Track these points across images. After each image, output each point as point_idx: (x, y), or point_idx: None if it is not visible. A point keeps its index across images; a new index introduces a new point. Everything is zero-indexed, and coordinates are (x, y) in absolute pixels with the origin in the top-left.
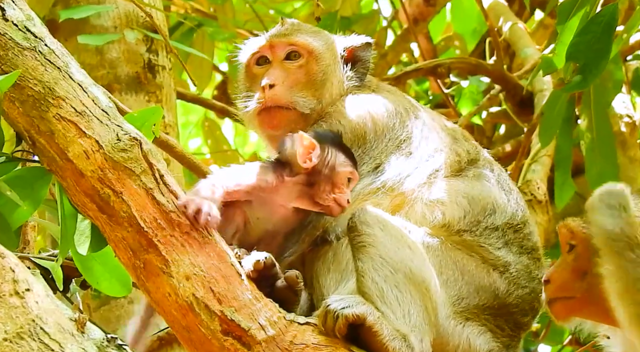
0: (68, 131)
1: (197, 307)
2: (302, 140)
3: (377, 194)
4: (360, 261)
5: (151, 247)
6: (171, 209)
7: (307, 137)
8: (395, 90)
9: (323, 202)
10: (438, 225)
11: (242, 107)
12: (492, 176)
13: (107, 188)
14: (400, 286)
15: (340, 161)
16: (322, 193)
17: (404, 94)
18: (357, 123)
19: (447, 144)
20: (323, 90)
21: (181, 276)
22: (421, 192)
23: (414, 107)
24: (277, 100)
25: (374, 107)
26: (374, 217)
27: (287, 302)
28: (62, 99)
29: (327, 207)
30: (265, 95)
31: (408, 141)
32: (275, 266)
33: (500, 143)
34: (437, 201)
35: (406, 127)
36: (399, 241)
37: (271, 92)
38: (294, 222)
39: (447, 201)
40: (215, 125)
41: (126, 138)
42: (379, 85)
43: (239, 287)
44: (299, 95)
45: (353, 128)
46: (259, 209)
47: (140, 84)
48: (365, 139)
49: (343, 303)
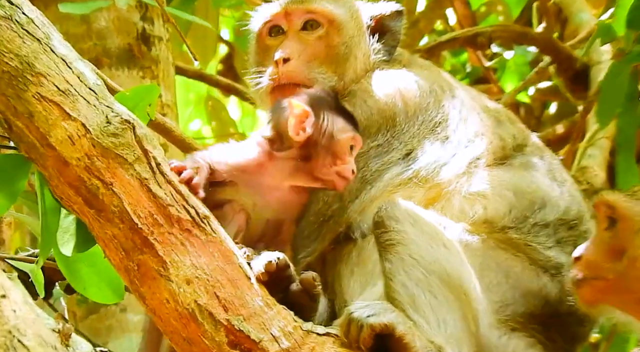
0: (50, 113)
1: (200, 315)
2: (293, 108)
3: (409, 185)
4: (389, 261)
5: (146, 247)
6: (169, 202)
7: (297, 103)
8: (429, 64)
9: (324, 177)
10: (479, 221)
11: (252, 85)
12: (542, 163)
13: (95, 179)
14: (435, 290)
15: (339, 127)
16: (321, 167)
17: (439, 68)
18: (386, 103)
19: (490, 127)
20: (345, 65)
21: (181, 280)
22: (459, 184)
23: (450, 84)
24: (292, 76)
25: (404, 85)
26: (404, 212)
27: (304, 310)
28: (42, 76)
29: (329, 181)
30: (279, 70)
31: (444, 124)
32: (290, 267)
33: (551, 124)
34: (478, 194)
35: (442, 107)
36: (432, 239)
37: (285, 68)
38: (296, 204)
39: (490, 194)
40: (220, 105)
41: (117, 121)
42: (410, 59)
43: (248, 292)
44: (318, 71)
45: (381, 109)
46: (252, 194)
47: (133, 58)
48: (394, 121)
49: (369, 310)
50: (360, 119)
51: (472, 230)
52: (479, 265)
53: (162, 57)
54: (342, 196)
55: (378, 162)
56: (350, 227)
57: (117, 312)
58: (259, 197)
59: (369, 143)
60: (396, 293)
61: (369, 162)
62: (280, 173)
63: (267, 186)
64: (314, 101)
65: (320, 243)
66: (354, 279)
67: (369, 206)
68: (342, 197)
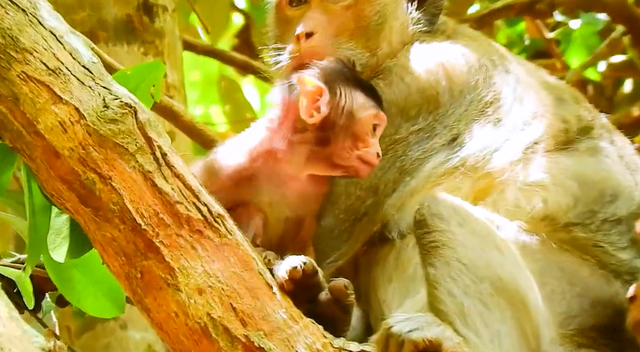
0: (38, 96)
1: (214, 331)
2: (305, 85)
3: (455, 175)
4: (432, 266)
5: (151, 251)
6: (177, 199)
7: (310, 79)
8: (478, 35)
9: (344, 163)
10: (538, 217)
11: (271, 63)
12: (612, 149)
13: (91, 172)
14: (487, 300)
15: (359, 103)
16: (341, 151)
17: (490, 40)
18: (427, 80)
19: (550, 107)
20: (378, 39)
21: (192, 289)
22: (514, 173)
23: (503, 57)
24: (315, 53)
25: (449, 59)
26: (450, 209)
27: (334, 323)
28: (28, 52)
29: (350, 168)
30: (301, 47)
31: (496, 104)
32: (318, 273)
33: (625, 105)
34: (536, 184)
35: (493, 84)
36: (484, 240)
37: (308, 43)
38: (316, 197)
39: (551, 184)
40: (235, 85)
41: (116, 104)
42: (456, 29)
43: (270, 303)
44: (346, 46)
45: (421, 88)
46: (265, 189)
47: (134, 31)
48: (437, 102)
49: (410, 324)
50: (397, 100)
51: (529, 228)
52: (539, 270)
53: (167, 30)
54: (376, 189)
55: (419, 149)
56: (386, 226)
57: (117, 328)
58: (274, 191)
59: (408, 127)
60: (442, 303)
61: (408, 149)
62: (296, 160)
63: (282, 177)
64: (329, 75)
65: (352, 245)
66: (392, 286)
67: (408, 200)
68: (376, 190)
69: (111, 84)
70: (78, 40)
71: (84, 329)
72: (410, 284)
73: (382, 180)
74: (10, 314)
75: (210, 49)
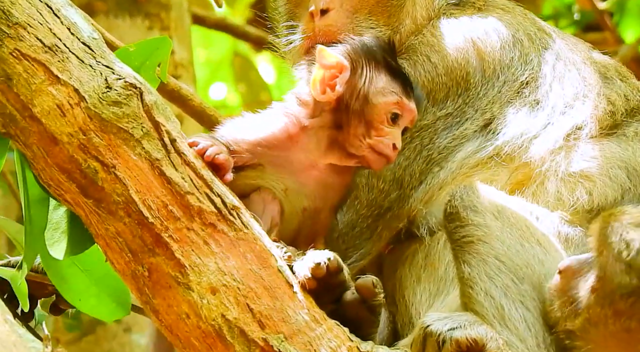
0: (33, 75)
1: (229, 334)
2: (324, 59)
3: (489, 165)
4: (467, 264)
5: (159, 247)
6: (188, 189)
7: (330, 53)
8: (512, 7)
9: (356, 152)
10: (582, 210)
11: (283, 44)
12: None
13: (92, 160)
14: (528, 301)
15: (378, 88)
16: (353, 138)
17: (527, 11)
18: (456, 59)
19: (594, 87)
20: (401, 14)
21: (205, 289)
22: (555, 162)
23: (542, 31)
24: (332, 32)
25: (480, 34)
26: (484, 200)
27: (361, 324)
28: (22, 27)
29: (362, 158)
30: (315, 25)
31: (533, 84)
32: (343, 270)
33: None
34: (580, 175)
35: (530, 62)
36: (523, 234)
37: (324, 21)
38: (337, 188)
39: (596, 174)
40: (249, 63)
41: (119, 85)
42: (487, 0)
43: (290, 303)
44: (365, 23)
45: (449, 67)
46: (282, 177)
47: (137, 4)
48: (468, 83)
49: (450, 323)
50: (423, 81)
51: (573, 220)
52: None
53: (174, 2)
54: (401, 182)
55: (448, 136)
56: (413, 222)
57: (120, 332)
58: (292, 179)
59: (435, 112)
60: (478, 305)
61: (436, 137)
62: (316, 147)
63: (301, 164)
64: (357, 52)
65: (376, 243)
66: (421, 287)
67: (437, 193)
68: (401, 183)
69: (114, 62)
70: (76, 13)
71: (84, 332)
72: (442, 284)
73: (407, 171)
74: (4, 317)
75: (222, 22)
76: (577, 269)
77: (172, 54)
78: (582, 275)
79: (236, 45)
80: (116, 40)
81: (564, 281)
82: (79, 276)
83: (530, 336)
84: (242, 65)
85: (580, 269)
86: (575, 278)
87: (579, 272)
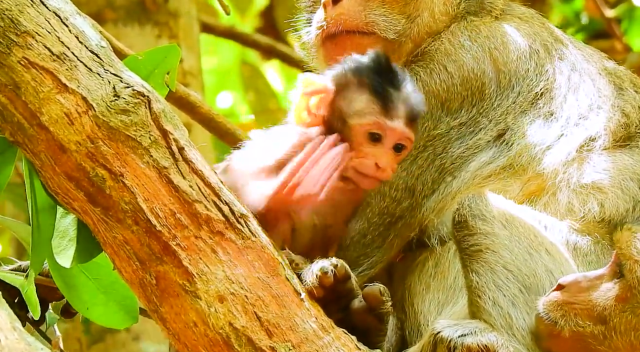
0: (41, 84)
1: (237, 342)
2: (305, 87)
3: (502, 175)
4: (475, 273)
5: (167, 255)
6: (196, 197)
7: (312, 80)
8: (531, 15)
9: (344, 173)
10: (593, 221)
11: (301, 37)
12: None
13: (100, 168)
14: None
15: (355, 109)
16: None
17: (545, 20)
18: (472, 70)
19: (609, 98)
20: (418, 4)
21: (212, 297)
22: (568, 174)
23: (558, 41)
24: (345, 21)
25: (497, 45)
26: (493, 208)
27: (369, 333)
28: (30, 36)
29: (348, 179)
30: (328, 14)
31: (548, 95)
32: (351, 278)
33: None
34: (592, 186)
35: (545, 73)
36: (531, 243)
37: (337, 10)
38: (346, 206)
39: (608, 186)
40: (258, 72)
41: (127, 93)
42: (505, 8)
43: (298, 312)
44: (379, 12)
45: (465, 77)
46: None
47: (146, 12)
48: (483, 93)
49: (461, 329)
50: (438, 91)
51: (582, 230)
52: None
53: (183, 11)
54: (413, 190)
55: (461, 146)
56: (424, 232)
57: (129, 340)
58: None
59: (449, 122)
60: (486, 314)
61: (449, 146)
62: None
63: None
64: (346, 74)
65: (386, 252)
66: (430, 296)
67: (449, 203)
68: (413, 191)
69: (122, 70)
70: (84, 22)
71: (93, 340)
72: (451, 293)
73: (419, 180)
74: (13, 324)
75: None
76: (586, 286)
77: (181, 62)
78: (595, 289)
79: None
80: (125, 48)
81: (569, 293)
82: (87, 284)
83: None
84: (250, 74)
85: (593, 285)
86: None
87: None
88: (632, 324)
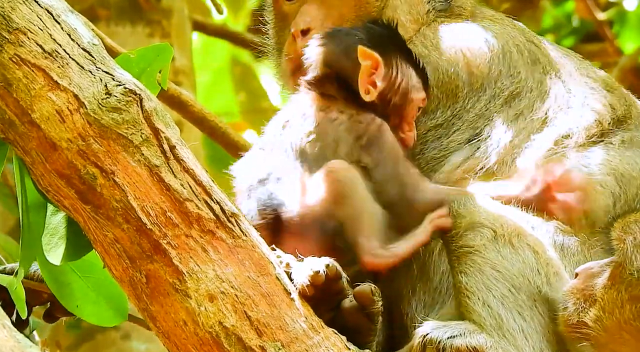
0: (32, 81)
1: (227, 341)
2: (362, 55)
3: (477, 176)
4: (463, 274)
5: (158, 254)
6: (187, 196)
7: (366, 50)
8: (500, 17)
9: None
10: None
11: (272, 66)
12: None
13: (91, 166)
14: (525, 310)
15: (413, 83)
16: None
17: (516, 22)
18: (446, 72)
19: (580, 98)
20: (384, 17)
21: (202, 296)
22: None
23: (530, 42)
24: None
25: (470, 47)
26: (480, 209)
27: (359, 333)
28: (22, 33)
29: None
30: (297, 46)
31: (520, 96)
32: (342, 277)
33: None
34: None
35: (518, 75)
36: (518, 243)
37: (305, 41)
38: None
39: (585, 183)
40: (250, 71)
41: (119, 91)
42: (475, 10)
43: (288, 311)
44: None
45: (440, 79)
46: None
47: (138, 10)
48: (456, 95)
49: (450, 331)
50: None
51: (567, 230)
52: None
53: (176, 9)
54: None
55: (436, 147)
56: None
57: (118, 339)
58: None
59: (426, 122)
60: (475, 314)
61: (426, 147)
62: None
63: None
64: (383, 44)
65: None
66: (417, 298)
67: None
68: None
69: (114, 68)
70: (77, 19)
71: (82, 339)
72: (437, 295)
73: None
74: (2, 322)
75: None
76: (597, 271)
77: (173, 61)
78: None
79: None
80: (117, 46)
81: (581, 280)
82: (77, 282)
83: (527, 346)
84: (242, 73)
85: (601, 271)
86: (595, 278)
87: (599, 273)
88: (616, 301)
